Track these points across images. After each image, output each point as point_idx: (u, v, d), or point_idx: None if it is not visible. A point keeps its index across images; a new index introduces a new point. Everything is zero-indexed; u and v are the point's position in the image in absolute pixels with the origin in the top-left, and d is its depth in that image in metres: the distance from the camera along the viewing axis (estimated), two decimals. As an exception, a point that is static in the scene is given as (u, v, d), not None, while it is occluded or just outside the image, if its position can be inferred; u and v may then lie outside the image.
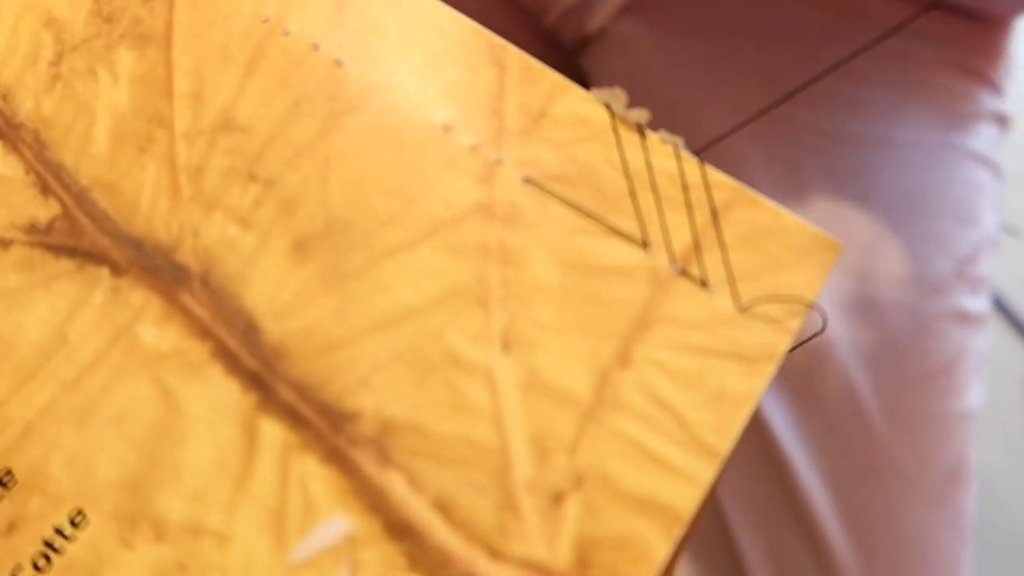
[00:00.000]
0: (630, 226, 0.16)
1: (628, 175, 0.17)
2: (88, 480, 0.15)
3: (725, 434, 0.15)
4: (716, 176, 0.17)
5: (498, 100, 0.17)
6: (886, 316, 0.39)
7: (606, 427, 0.15)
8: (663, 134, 0.17)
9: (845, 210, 0.40)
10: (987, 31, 0.44)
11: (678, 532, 0.14)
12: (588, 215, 0.16)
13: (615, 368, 0.15)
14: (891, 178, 0.41)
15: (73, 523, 0.14)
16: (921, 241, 0.40)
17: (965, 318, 0.41)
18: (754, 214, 0.16)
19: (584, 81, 0.46)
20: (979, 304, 0.41)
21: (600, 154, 0.17)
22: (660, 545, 0.14)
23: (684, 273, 0.16)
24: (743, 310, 0.16)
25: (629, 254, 0.16)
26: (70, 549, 0.14)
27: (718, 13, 0.42)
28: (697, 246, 0.16)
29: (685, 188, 0.17)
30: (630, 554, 0.14)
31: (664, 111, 0.44)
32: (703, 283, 0.16)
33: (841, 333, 0.38)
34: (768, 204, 0.16)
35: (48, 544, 0.14)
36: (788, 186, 0.40)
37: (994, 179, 0.43)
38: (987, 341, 0.42)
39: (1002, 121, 0.45)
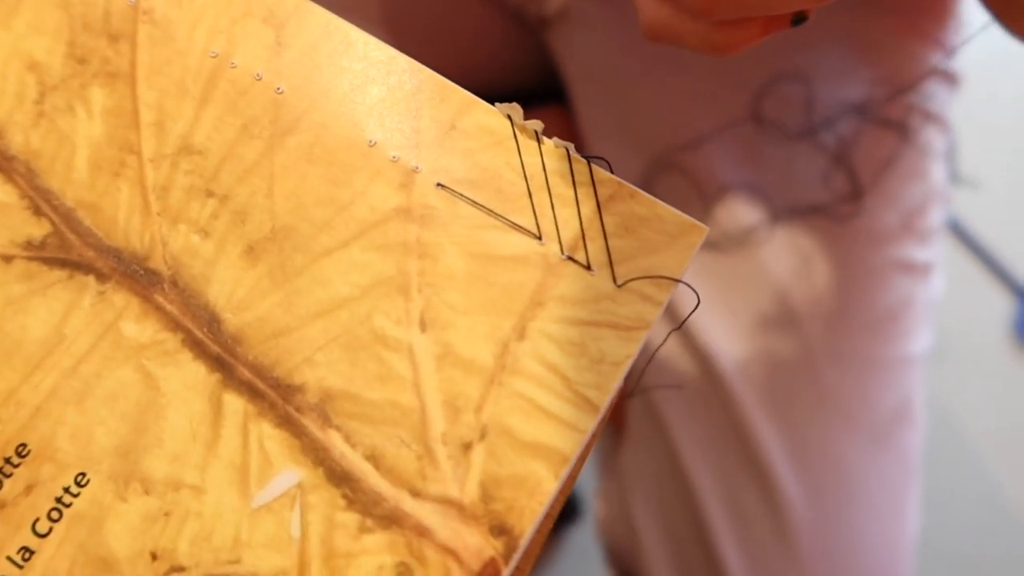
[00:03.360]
0: (527, 221, 0.19)
1: (526, 177, 0.20)
2: (88, 449, 0.18)
3: (604, 390, 0.18)
4: (601, 174, 0.20)
5: (415, 116, 0.20)
6: (831, 267, 0.41)
7: (506, 388, 0.18)
8: (556, 140, 0.20)
9: (796, 167, 0.42)
10: (936, -7, 0.45)
11: (565, 471, 0.18)
12: (491, 213, 0.19)
13: (513, 340, 0.19)
14: (837, 137, 0.43)
15: (78, 483, 0.18)
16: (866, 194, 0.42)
17: (912, 268, 0.43)
18: (632, 205, 0.19)
19: (550, 57, 0.49)
20: (927, 255, 0.43)
21: (502, 159, 0.20)
22: (550, 481, 0.18)
23: (571, 259, 0.19)
24: (620, 288, 0.19)
25: (526, 245, 0.19)
26: (76, 504, 0.18)
27: None
28: (583, 235, 0.19)
29: (574, 186, 0.20)
30: (525, 489, 0.18)
31: (623, 83, 0.46)
32: (587, 267, 0.19)
33: (789, 283, 0.41)
34: (644, 196, 0.19)
35: (59, 500, 0.18)
36: (742, 151, 0.42)
37: (942, 135, 0.45)
38: (938, 289, 0.45)
39: (952, 80, 0.46)
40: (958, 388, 0.78)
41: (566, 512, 0.63)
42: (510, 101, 0.20)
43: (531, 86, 0.52)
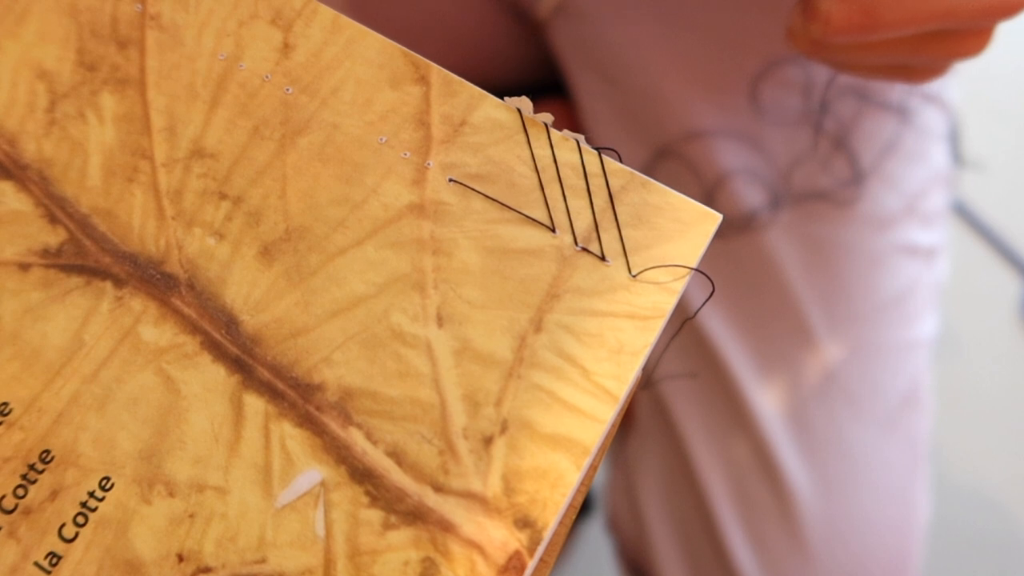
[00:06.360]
0: (540, 213, 0.19)
1: (537, 170, 0.20)
2: (111, 453, 0.18)
3: (622, 381, 0.18)
4: (613, 165, 0.20)
5: (424, 113, 0.20)
6: (834, 252, 0.41)
7: (525, 381, 0.18)
8: (566, 132, 0.20)
9: (796, 152, 0.42)
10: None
11: (586, 462, 0.18)
12: (504, 207, 0.19)
13: (530, 333, 0.19)
14: (837, 120, 0.43)
15: (102, 487, 0.18)
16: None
17: (916, 251, 0.43)
18: (645, 195, 0.19)
19: (549, 51, 0.49)
20: (931, 238, 0.43)
21: (513, 153, 0.20)
22: (572, 472, 0.18)
23: (586, 250, 0.19)
24: (635, 278, 0.19)
25: (539, 237, 0.19)
26: (102, 508, 0.18)
27: None
28: (596, 226, 0.19)
29: (586, 177, 0.20)
30: (548, 481, 0.18)
31: (623, 75, 0.46)
32: (602, 257, 0.19)
33: (792, 269, 0.40)
34: (657, 186, 0.20)
35: (84, 505, 0.18)
36: (742, 137, 0.42)
37: (942, 117, 0.45)
38: (943, 273, 0.45)
39: (948, 61, 0.46)
40: (966, 371, 0.78)
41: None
42: (509, 96, 0.20)
43: (530, 81, 0.52)
